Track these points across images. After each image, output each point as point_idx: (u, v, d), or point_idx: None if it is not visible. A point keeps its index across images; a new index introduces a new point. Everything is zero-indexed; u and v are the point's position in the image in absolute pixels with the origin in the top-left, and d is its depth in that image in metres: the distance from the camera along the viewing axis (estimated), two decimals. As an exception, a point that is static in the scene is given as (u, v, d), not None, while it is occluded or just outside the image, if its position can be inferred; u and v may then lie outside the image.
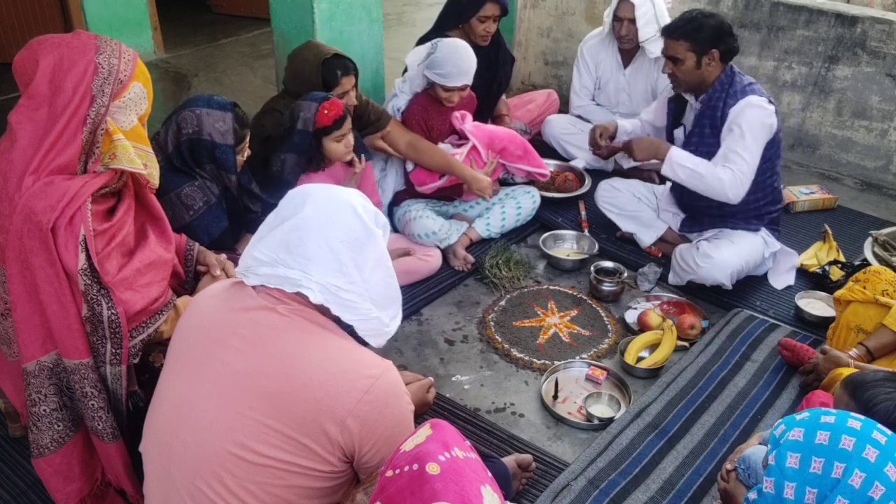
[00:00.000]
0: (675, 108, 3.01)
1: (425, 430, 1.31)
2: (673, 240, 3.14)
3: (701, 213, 3.02)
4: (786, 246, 3.05)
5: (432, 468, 1.20)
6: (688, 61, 2.76)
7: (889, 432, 1.16)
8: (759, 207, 2.92)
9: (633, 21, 3.47)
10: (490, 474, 1.33)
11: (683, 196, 3.06)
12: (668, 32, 2.81)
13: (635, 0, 3.42)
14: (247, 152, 2.35)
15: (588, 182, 3.59)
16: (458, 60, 3.01)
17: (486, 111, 3.75)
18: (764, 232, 2.95)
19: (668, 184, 3.16)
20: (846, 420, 1.19)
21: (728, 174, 2.72)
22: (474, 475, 1.25)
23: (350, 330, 1.49)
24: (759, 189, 2.85)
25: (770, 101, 2.74)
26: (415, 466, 1.21)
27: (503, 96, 3.93)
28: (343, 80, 2.78)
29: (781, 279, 3.02)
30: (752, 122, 2.70)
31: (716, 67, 2.77)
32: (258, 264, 1.45)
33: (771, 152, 2.82)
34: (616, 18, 3.58)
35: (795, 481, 1.16)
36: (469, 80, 3.05)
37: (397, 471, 1.22)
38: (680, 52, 2.76)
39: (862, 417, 1.20)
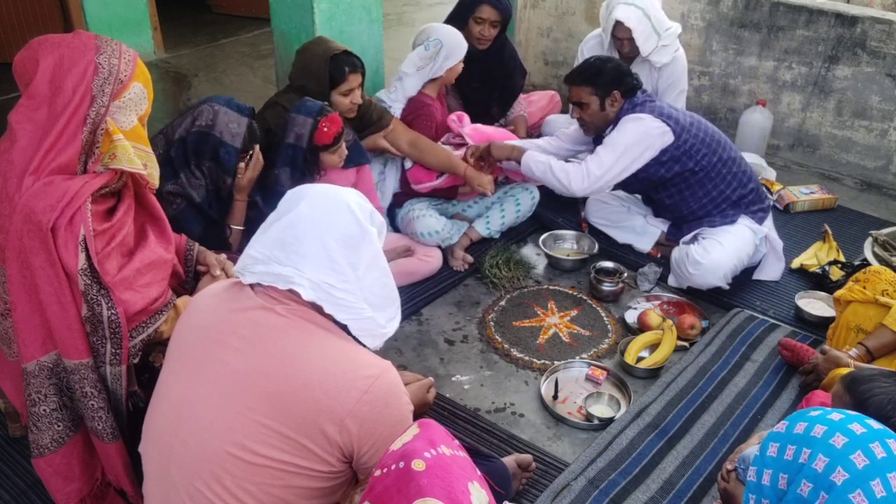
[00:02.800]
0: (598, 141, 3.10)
1: (413, 430, 1.32)
2: (668, 244, 3.16)
3: (679, 220, 3.11)
4: (776, 234, 3.05)
5: (418, 465, 1.21)
6: (592, 105, 2.92)
7: (875, 425, 1.16)
8: (728, 197, 2.95)
9: (632, 39, 3.45)
10: (479, 472, 1.33)
11: (658, 210, 3.21)
12: (571, 80, 2.97)
13: (630, 23, 3.38)
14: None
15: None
16: (457, 35, 3.18)
17: (483, 115, 3.73)
18: (746, 220, 2.95)
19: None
20: (828, 413, 1.20)
21: (575, 169, 2.95)
22: (461, 472, 1.25)
23: (348, 330, 1.49)
24: (718, 183, 2.93)
25: (663, 119, 2.83)
26: (401, 464, 1.21)
27: (523, 113, 3.90)
28: (350, 76, 2.77)
29: (766, 272, 3.04)
30: (623, 132, 2.86)
31: (618, 106, 2.93)
32: (254, 262, 1.46)
33: (706, 154, 2.88)
34: (615, 38, 3.55)
35: (772, 468, 1.18)
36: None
37: (385, 470, 1.23)
38: (584, 96, 2.92)
39: (849, 413, 1.20)
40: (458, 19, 3.48)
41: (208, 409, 1.40)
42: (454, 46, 3.14)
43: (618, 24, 3.44)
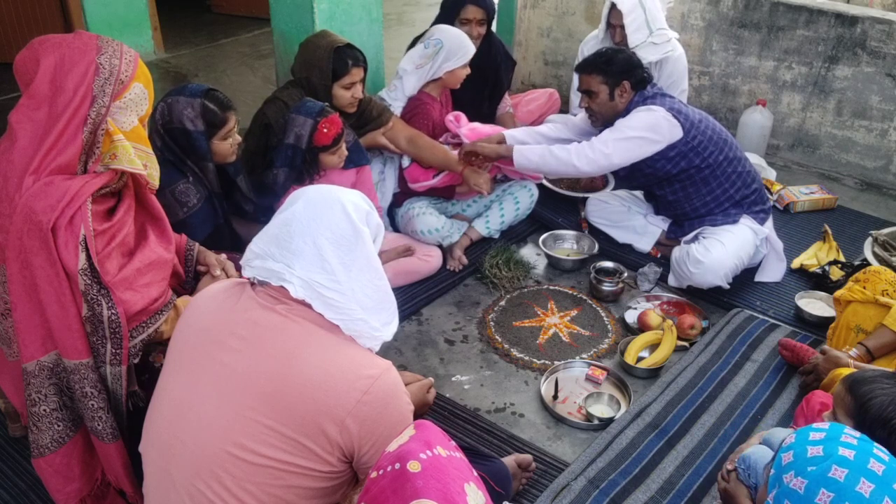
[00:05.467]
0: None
1: (409, 431, 1.32)
2: (669, 243, 3.16)
3: (681, 217, 3.10)
4: (776, 236, 3.06)
5: (413, 466, 1.20)
6: (601, 94, 2.92)
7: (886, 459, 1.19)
8: (731, 196, 2.96)
9: (623, 27, 3.47)
10: (476, 473, 1.33)
11: (659, 207, 3.20)
12: (581, 68, 2.98)
13: (623, 8, 3.41)
14: (237, 138, 2.33)
15: (612, 183, 3.57)
16: (461, 36, 3.16)
17: (482, 115, 3.74)
18: (748, 220, 2.96)
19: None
20: (840, 444, 1.21)
21: (577, 146, 2.92)
22: (457, 473, 1.25)
23: None
24: (723, 181, 2.93)
25: (674, 114, 2.83)
26: (396, 466, 1.21)
27: (509, 110, 3.91)
28: (353, 70, 2.77)
29: (767, 274, 3.04)
30: (632, 118, 2.86)
31: (628, 98, 2.92)
32: (253, 257, 1.47)
33: (713, 152, 2.88)
34: (609, 26, 3.58)
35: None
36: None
37: (381, 471, 1.23)
38: (594, 85, 2.92)
39: (861, 440, 1.23)
40: (443, 23, 3.47)
41: (208, 409, 1.40)
42: (455, 49, 3.12)
43: (613, 8, 3.49)
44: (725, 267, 2.83)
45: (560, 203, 3.52)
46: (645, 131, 2.83)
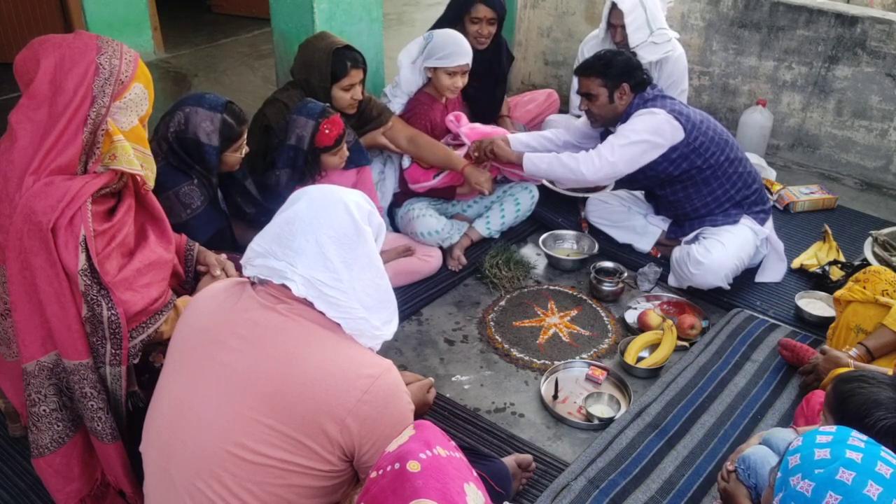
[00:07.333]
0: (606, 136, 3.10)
1: (408, 431, 1.32)
2: (669, 243, 3.16)
3: (681, 217, 3.10)
4: (776, 235, 3.06)
5: (413, 466, 1.21)
6: (601, 97, 2.92)
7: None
8: (732, 197, 2.96)
9: (624, 27, 3.47)
10: (475, 473, 1.33)
11: (660, 207, 3.20)
12: (580, 71, 2.97)
13: (624, 7, 3.41)
14: (245, 149, 2.34)
15: (612, 183, 3.56)
16: (456, 40, 3.08)
17: (488, 113, 3.74)
18: (749, 220, 2.96)
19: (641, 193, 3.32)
20: (847, 447, 1.21)
21: (584, 154, 2.91)
22: (457, 473, 1.25)
23: None
24: (724, 182, 2.93)
25: (675, 115, 2.82)
26: (396, 465, 1.21)
27: (505, 115, 3.93)
28: (352, 71, 2.77)
29: (768, 274, 3.04)
30: (636, 124, 2.85)
31: (627, 100, 2.92)
32: (255, 255, 1.48)
33: (714, 152, 2.88)
34: (610, 25, 3.58)
35: None
36: (469, 60, 3.10)
37: (380, 471, 1.23)
38: (593, 88, 2.91)
39: (866, 443, 1.22)
40: (451, 21, 3.45)
41: (208, 409, 1.40)
42: (440, 46, 3.05)
43: (613, 8, 3.49)
44: (726, 268, 2.83)
45: (560, 203, 3.52)
46: (648, 135, 2.82)
